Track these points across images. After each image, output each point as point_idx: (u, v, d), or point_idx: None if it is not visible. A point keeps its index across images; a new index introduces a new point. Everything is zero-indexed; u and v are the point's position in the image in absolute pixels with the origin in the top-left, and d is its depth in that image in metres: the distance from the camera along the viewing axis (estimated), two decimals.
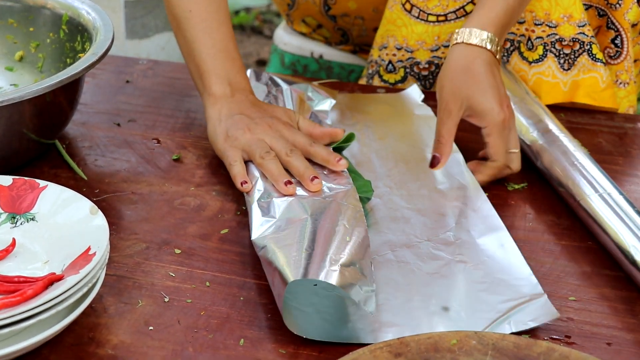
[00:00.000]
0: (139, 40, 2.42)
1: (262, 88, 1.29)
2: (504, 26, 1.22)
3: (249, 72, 1.33)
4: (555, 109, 1.37)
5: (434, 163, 1.16)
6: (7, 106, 1.10)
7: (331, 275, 0.94)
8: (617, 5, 1.35)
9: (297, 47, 1.66)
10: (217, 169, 1.22)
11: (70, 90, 1.19)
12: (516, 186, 1.21)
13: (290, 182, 1.09)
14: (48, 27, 1.33)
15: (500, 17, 1.21)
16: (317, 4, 1.54)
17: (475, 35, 1.19)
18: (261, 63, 2.99)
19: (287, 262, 0.96)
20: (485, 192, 1.17)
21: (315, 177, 1.09)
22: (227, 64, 1.23)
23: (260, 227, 1.04)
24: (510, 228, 1.13)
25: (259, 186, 1.11)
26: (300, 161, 1.12)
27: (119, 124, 1.31)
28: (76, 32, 1.29)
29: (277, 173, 1.11)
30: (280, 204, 1.06)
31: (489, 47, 1.19)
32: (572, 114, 1.37)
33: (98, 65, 1.18)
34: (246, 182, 1.12)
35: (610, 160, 1.27)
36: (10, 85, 1.33)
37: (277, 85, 1.30)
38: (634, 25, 1.37)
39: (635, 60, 1.41)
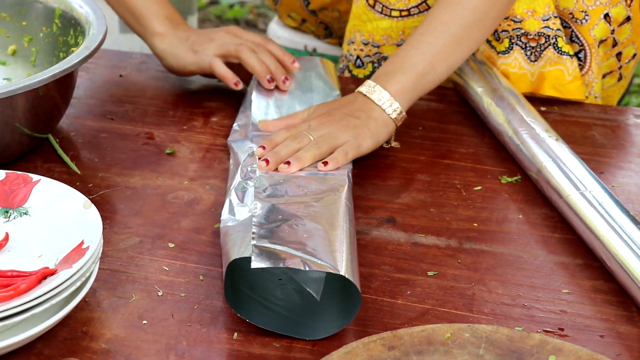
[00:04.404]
0: (132, 34, 2.41)
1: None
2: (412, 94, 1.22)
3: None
4: (548, 102, 1.37)
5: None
6: (0, 100, 1.10)
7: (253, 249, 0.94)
8: (583, 21, 1.34)
9: (290, 40, 1.66)
10: (211, 162, 1.22)
11: (63, 85, 1.19)
12: (509, 179, 1.21)
13: (271, 80, 1.27)
14: (41, 21, 1.33)
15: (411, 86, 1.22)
16: None
17: (370, 89, 1.21)
18: None
19: (232, 245, 0.97)
20: (476, 187, 1.18)
21: (287, 79, 1.27)
22: (159, 4, 1.32)
23: (228, 215, 1.05)
24: (503, 221, 1.13)
25: (237, 176, 1.11)
26: (269, 58, 1.27)
27: (112, 118, 1.31)
28: (69, 26, 1.28)
29: (259, 69, 1.26)
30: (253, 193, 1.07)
31: (381, 100, 1.20)
32: (565, 107, 1.37)
33: (91, 59, 1.18)
34: (239, 82, 1.27)
35: (602, 153, 1.27)
36: (3, 79, 1.33)
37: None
38: (603, 41, 1.36)
39: (610, 72, 1.41)
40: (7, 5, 1.34)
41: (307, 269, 0.93)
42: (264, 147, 1.15)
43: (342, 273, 0.93)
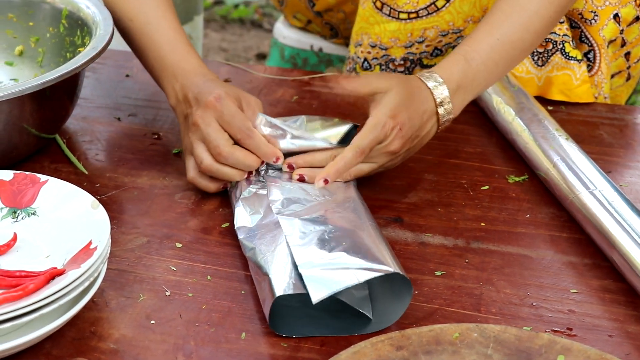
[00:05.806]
0: None
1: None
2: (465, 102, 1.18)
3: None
4: (555, 101, 1.37)
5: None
6: (7, 101, 1.10)
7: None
8: (593, 21, 1.33)
9: (296, 40, 1.65)
10: None
11: (70, 85, 1.19)
12: (517, 179, 1.21)
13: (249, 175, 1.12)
14: (48, 21, 1.33)
15: (471, 98, 1.18)
16: (302, 0, 1.54)
17: (444, 102, 1.14)
18: (261, 57, 2.99)
19: (276, 270, 0.96)
20: (483, 186, 1.18)
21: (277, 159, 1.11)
22: (171, 59, 1.19)
23: (244, 222, 1.05)
24: (510, 220, 1.13)
25: (241, 183, 1.11)
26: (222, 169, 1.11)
27: (119, 119, 1.32)
28: (76, 27, 1.29)
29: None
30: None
31: (442, 116, 1.14)
32: (572, 106, 1.37)
33: (98, 59, 1.18)
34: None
35: (610, 152, 1.27)
36: (11, 80, 1.33)
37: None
38: (612, 41, 1.36)
39: (618, 72, 1.41)
40: (14, 6, 1.34)
41: (365, 279, 0.92)
42: (291, 168, 1.11)
43: (397, 271, 0.94)
